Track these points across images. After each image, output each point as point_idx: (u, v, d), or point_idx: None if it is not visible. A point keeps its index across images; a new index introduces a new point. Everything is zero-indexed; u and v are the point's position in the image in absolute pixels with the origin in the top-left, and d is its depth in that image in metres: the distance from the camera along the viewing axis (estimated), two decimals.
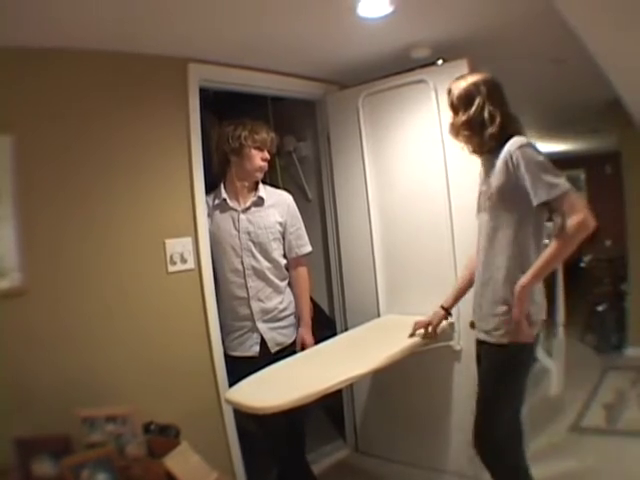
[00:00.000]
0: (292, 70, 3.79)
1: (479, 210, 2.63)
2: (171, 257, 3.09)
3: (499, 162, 2.42)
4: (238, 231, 3.22)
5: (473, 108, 2.50)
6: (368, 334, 3.44)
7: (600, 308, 6.42)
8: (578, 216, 2.19)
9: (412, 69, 3.59)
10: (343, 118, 3.98)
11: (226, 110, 4.22)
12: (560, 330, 4.82)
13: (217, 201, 3.29)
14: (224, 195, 3.26)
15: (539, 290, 2.48)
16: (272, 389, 2.51)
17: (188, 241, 3.18)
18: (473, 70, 3.17)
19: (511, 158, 2.34)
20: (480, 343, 2.62)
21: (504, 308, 2.42)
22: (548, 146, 9.40)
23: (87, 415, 2.38)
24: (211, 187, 3.35)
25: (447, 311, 2.97)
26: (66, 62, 2.75)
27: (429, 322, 2.97)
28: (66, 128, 2.75)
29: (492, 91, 2.51)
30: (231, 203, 3.26)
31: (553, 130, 7.79)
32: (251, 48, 3.23)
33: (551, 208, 2.33)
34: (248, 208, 3.25)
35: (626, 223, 6.08)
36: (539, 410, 4.34)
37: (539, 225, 2.42)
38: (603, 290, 6.67)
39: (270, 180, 4.64)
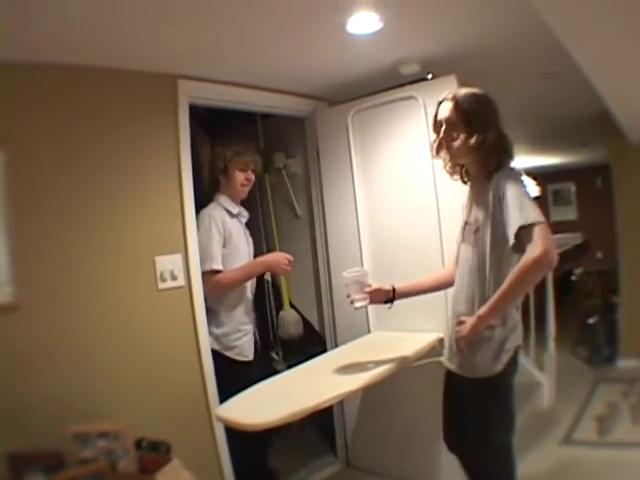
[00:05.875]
0: (281, 87, 3.82)
1: (463, 241, 2.55)
2: (161, 274, 3.09)
3: (489, 195, 2.33)
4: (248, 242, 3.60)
5: (479, 128, 2.35)
6: (358, 350, 3.43)
7: (591, 321, 6.43)
8: (539, 250, 2.08)
9: (401, 85, 3.60)
10: (333, 135, 4.00)
11: (216, 126, 4.24)
12: (551, 343, 4.84)
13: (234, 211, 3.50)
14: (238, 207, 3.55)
15: (511, 313, 2.41)
16: (262, 406, 2.51)
17: (178, 258, 3.18)
18: (462, 86, 3.21)
19: (498, 190, 2.27)
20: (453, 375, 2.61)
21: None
22: (539, 160, 9.45)
23: (79, 431, 2.39)
24: (201, 204, 3.39)
25: (392, 291, 2.86)
26: (57, 77, 2.76)
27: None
28: (58, 144, 2.76)
29: (494, 110, 2.42)
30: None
31: (543, 143, 7.85)
32: (241, 65, 3.26)
33: (520, 245, 2.18)
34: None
35: (617, 235, 6.11)
36: (531, 423, 4.35)
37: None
38: (594, 302, 6.67)
39: (260, 197, 4.67)
